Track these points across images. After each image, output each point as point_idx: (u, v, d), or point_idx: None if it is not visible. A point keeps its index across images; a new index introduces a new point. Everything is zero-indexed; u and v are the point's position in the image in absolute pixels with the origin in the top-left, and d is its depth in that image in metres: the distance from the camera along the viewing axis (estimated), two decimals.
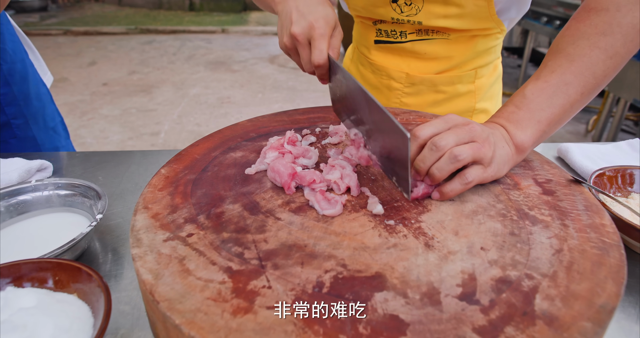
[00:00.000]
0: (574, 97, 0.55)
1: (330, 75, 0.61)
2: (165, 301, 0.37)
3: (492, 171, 0.51)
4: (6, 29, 0.92)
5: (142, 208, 0.50)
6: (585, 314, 0.35)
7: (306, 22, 0.57)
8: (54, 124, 1.02)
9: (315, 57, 0.57)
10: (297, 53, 0.61)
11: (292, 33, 0.58)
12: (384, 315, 0.35)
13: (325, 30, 0.57)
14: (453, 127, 0.50)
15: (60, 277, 0.44)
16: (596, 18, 0.55)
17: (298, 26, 0.57)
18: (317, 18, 0.57)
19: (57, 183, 0.61)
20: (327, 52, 0.58)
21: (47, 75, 1.08)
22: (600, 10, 0.56)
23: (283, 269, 0.40)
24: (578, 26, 0.57)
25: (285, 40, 0.60)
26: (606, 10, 0.55)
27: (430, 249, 0.43)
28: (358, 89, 0.53)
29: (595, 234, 0.45)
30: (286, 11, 0.60)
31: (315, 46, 0.57)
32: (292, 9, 0.59)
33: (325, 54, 0.57)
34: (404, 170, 0.49)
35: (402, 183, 0.51)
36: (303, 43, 0.59)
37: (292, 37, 0.59)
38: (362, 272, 0.40)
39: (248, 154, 0.62)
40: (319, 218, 0.48)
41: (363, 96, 0.52)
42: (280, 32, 0.62)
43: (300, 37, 0.58)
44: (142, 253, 0.43)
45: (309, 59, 0.59)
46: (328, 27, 0.58)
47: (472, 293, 0.38)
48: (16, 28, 0.99)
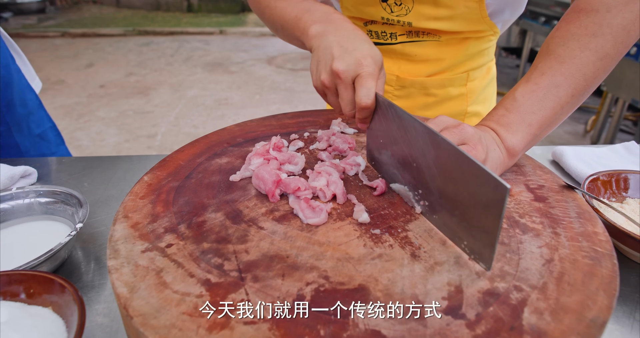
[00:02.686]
0: (565, 100, 0.53)
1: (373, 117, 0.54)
2: (140, 316, 0.36)
3: None
4: None
5: (122, 217, 0.49)
6: (575, 329, 0.34)
7: (352, 59, 0.52)
8: (41, 131, 1.00)
9: (362, 96, 0.50)
10: (334, 93, 0.55)
11: (335, 70, 0.52)
12: (366, 330, 0.34)
13: (374, 69, 0.52)
14: (444, 129, 0.49)
15: (35, 290, 0.42)
16: (586, 19, 0.54)
17: (342, 63, 0.52)
18: (365, 55, 0.52)
19: (38, 191, 0.59)
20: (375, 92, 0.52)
21: (35, 81, 1.06)
22: (590, 11, 0.54)
23: (263, 281, 0.39)
24: (568, 27, 0.55)
25: (324, 78, 0.54)
26: (596, 11, 0.54)
27: (416, 260, 0.42)
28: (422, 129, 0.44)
29: (588, 243, 0.44)
30: (325, 46, 0.54)
31: (363, 84, 0.51)
32: (334, 44, 0.53)
33: (373, 94, 0.51)
34: (489, 233, 0.38)
35: (482, 250, 0.39)
36: (346, 82, 0.52)
37: (333, 74, 0.53)
38: (345, 285, 0.39)
39: (234, 160, 0.61)
40: (302, 227, 0.47)
41: (429, 137, 0.43)
42: (317, 69, 0.56)
43: (343, 75, 0.52)
44: (119, 265, 0.41)
45: (350, 100, 0.53)
46: (376, 66, 0.52)
47: (458, 307, 0.36)
48: (3, 34, 0.97)
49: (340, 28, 0.56)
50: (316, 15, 0.60)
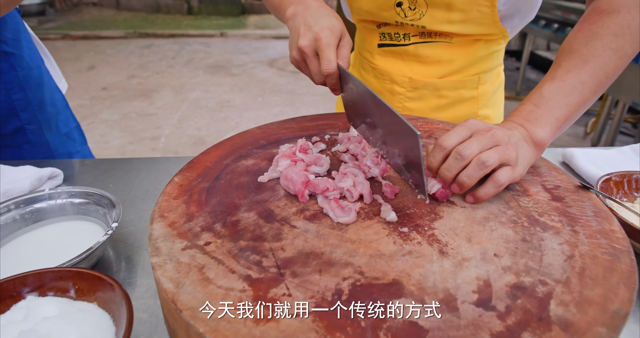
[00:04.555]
0: (588, 96, 0.57)
1: (342, 85, 0.61)
2: (188, 309, 0.38)
3: (519, 170, 0.52)
4: (24, 36, 0.94)
5: (158, 216, 0.51)
6: (600, 319, 0.36)
7: (312, 33, 0.58)
8: (68, 130, 1.03)
9: (324, 67, 0.58)
10: (307, 66, 0.62)
11: (299, 46, 0.59)
12: (404, 321, 0.36)
13: (331, 40, 0.58)
14: (475, 133, 0.52)
15: (80, 286, 0.44)
16: (608, 20, 0.57)
17: (304, 39, 0.59)
18: (322, 28, 0.58)
19: (71, 192, 0.61)
20: (336, 61, 0.58)
21: (62, 82, 1.09)
22: (611, 12, 0.58)
23: (302, 277, 0.41)
24: (590, 27, 0.58)
25: (294, 54, 0.62)
26: (617, 12, 0.57)
27: (444, 256, 0.44)
28: (367, 93, 0.54)
29: (605, 240, 0.46)
30: (295, 26, 0.62)
31: (323, 56, 0.58)
32: (300, 23, 0.60)
33: (334, 63, 0.58)
34: (418, 169, 0.50)
35: (419, 184, 0.52)
36: (310, 55, 0.59)
37: (299, 51, 0.60)
38: (380, 279, 0.41)
39: (259, 161, 0.63)
40: (333, 225, 0.49)
41: (373, 100, 0.53)
42: (290, 47, 0.63)
43: (307, 50, 0.59)
44: (162, 262, 0.43)
45: (317, 70, 0.60)
46: (333, 36, 0.58)
47: (488, 300, 0.38)
48: (33, 36, 1.00)
49: (308, 7, 0.63)
50: None
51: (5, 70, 0.86)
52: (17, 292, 0.43)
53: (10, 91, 0.87)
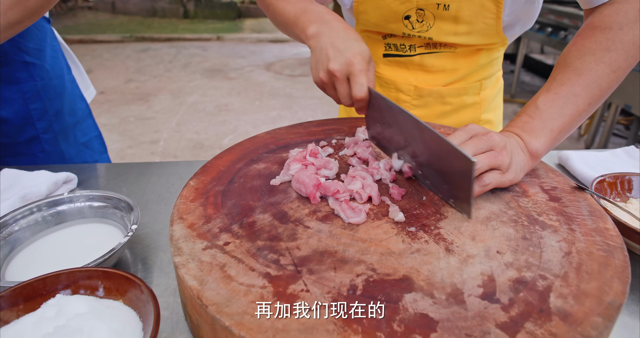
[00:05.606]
0: (582, 108, 0.60)
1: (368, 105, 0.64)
2: (213, 305, 0.40)
3: (510, 176, 0.55)
4: (50, 46, 0.95)
5: (178, 218, 0.53)
6: (596, 310, 0.39)
7: (344, 58, 0.60)
8: (87, 139, 1.03)
9: (356, 91, 0.60)
10: (333, 88, 0.64)
11: (331, 69, 0.61)
12: (415, 314, 0.39)
13: (363, 65, 0.60)
14: (473, 137, 0.55)
15: (107, 285, 0.47)
16: (600, 35, 0.60)
17: (335, 62, 0.60)
18: (355, 54, 0.60)
19: (89, 195, 0.64)
20: (367, 85, 0.60)
21: (89, 89, 1.10)
22: (604, 28, 0.61)
23: (318, 274, 0.44)
24: (584, 42, 0.62)
25: (322, 76, 0.63)
26: (609, 29, 0.60)
27: (450, 253, 0.47)
28: (409, 118, 0.55)
29: (600, 237, 0.49)
30: (321, 47, 0.62)
31: (356, 81, 0.60)
32: (328, 46, 0.61)
33: (365, 88, 0.60)
34: (466, 193, 0.50)
35: (463, 205, 0.52)
36: (341, 79, 0.61)
37: (329, 74, 0.62)
38: (391, 275, 0.44)
39: (270, 165, 0.66)
40: (345, 225, 0.52)
41: (415, 124, 0.55)
42: (316, 68, 0.64)
43: (338, 74, 0.60)
44: (185, 261, 0.46)
45: (347, 94, 0.62)
46: (365, 62, 0.60)
47: (493, 293, 0.41)
48: (62, 44, 1.01)
49: (334, 29, 0.64)
50: (312, 16, 0.68)
51: (25, 80, 0.88)
52: (47, 290, 0.46)
53: (28, 101, 0.88)
